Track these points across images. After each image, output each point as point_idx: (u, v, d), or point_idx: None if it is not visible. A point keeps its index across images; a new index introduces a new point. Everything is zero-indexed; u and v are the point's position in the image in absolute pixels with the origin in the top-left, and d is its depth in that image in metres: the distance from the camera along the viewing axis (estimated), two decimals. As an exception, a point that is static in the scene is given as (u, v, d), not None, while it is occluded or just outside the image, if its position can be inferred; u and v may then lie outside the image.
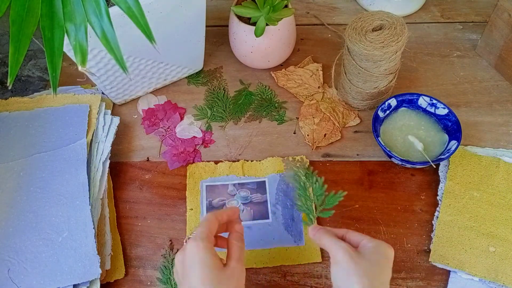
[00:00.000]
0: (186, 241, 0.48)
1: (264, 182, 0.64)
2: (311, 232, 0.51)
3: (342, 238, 0.49)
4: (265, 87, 0.75)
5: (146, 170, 0.67)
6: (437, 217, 0.60)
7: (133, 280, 0.58)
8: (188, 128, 0.71)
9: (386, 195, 0.63)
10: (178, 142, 0.69)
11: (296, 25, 0.74)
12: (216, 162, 0.67)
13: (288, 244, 0.59)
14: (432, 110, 0.66)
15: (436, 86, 0.74)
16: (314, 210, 0.55)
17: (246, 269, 0.57)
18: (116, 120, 0.68)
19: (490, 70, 0.75)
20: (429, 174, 0.65)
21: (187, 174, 0.66)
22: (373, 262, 0.45)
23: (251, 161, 0.67)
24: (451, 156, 0.62)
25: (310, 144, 0.68)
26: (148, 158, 0.68)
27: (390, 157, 0.62)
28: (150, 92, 0.74)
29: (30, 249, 0.56)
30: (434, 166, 0.61)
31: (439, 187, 0.62)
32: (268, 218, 0.62)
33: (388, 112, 0.66)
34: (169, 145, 0.69)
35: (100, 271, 0.55)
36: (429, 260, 0.58)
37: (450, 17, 0.83)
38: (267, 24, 0.66)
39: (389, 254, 0.47)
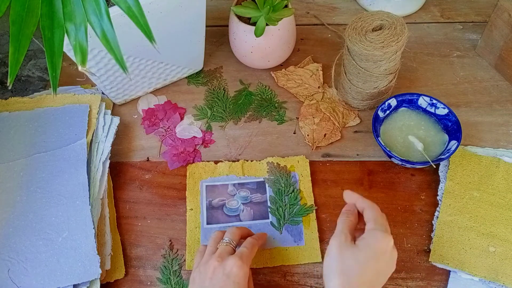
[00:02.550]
0: (219, 245, 0.53)
1: (263, 182, 0.64)
2: (346, 194, 0.53)
3: (361, 210, 0.51)
4: (265, 87, 0.75)
5: (146, 170, 0.67)
6: (437, 217, 0.60)
7: (133, 280, 0.58)
8: (188, 128, 0.71)
9: (386, 195, 0.63)
10: (178, 142, 0.69)
11: (296, 25, 0.74)
12: (216, 162, 0.67)
13: (288, 244, 0.59)
14: (432, 110, 0.66)
15: (436, 86, 0.74)
16: (283, 217, 0.61)
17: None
18: (116, 120, 0.68)
19: (490, 70, 0.75)
20: (429, 174, 0.65)
21: (187, 174, 0.66)
22: (360, 260, 0.46)
23: (251, 161, 0.67)
24: (451, 156, 0.62)
25: (310, 144, 0.68)
26: (148, 158, 0.68)
27: (390, 157, 0.62)
28: (150, 92, 0.74)
29: (30, 249, 0.56)
30: (434, 166, 0.61)
31: (439, 187, 0.63)
32: (268, 218, 0.62)
33: (388, 112, 0.66)
34: (169, 145, 0.69)
35: (100, 271, 0.55)
36: (429, 260, 0.58)
37: (450, 17, 0.83)
38: (267, 24, 0.66)
39: (380, 246, 0.47)
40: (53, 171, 0.62)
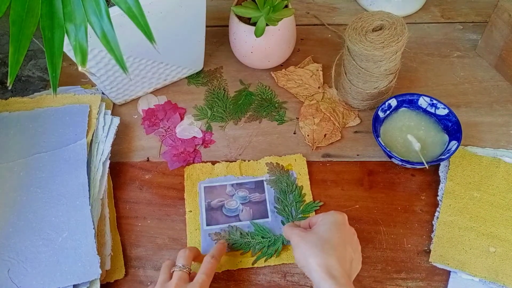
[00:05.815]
0: (173, 272, 0.51)
1: (262, 181, 0.64)
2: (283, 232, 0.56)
3: (310, 227, 0.54)
4: (265, 87, 0.75)
5: (146, 170, 0.67)
6: (437, 218, 0.60)
7: (133, 280, 0.58)
8: (188, 128, 0.71)
9: (386, 195, 0.63)
10: (178, 142, 0.69)
11: (296, 25, 0.74)
12: (213, 163, 0.67)
13: (288, 244, 0.59)
14: (432, 110, 0.66)
15: (436, 86, 0.74)
16: (292, 215, 0.61)
17: (247, 269, 0.58)
18: (116, 120, 0.68)
19: (490, 70, 0.75)
20: (429, 174, 0.65)
21: (185, 176, 0.65)
22: (320, 233, 0.49)
23: (248, 161, 0.67)
24: (452, 156, 0.62)
25: (310, 145, 0.68)
26: (148, 158, 0.68)
27: (390, 157, 0.62)
28: (150, 92, 0.74)
29: (30, 249, 0.56)
30: (427, 167, 0.61)
31: (439, 188, 0.62)
32: (267, 217, 0.62)
33: (388, 112, 0.66)
34: (169, 145, 0.69)
35: (100, 271, 0.55)
36: (429, 260, 0.58)
37: (450, 17, 0.83)
38: (267, 24, 0.66)
39: (336, 219, 0.51)
40: (53, 171, 0.62)
